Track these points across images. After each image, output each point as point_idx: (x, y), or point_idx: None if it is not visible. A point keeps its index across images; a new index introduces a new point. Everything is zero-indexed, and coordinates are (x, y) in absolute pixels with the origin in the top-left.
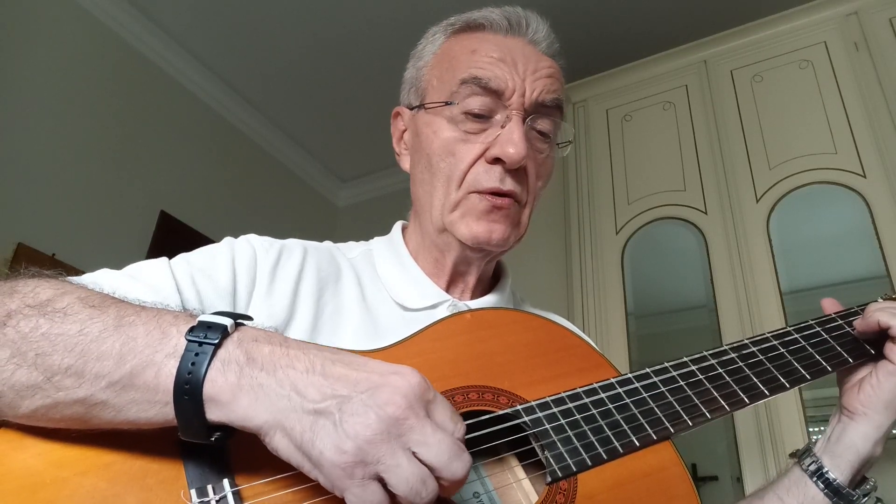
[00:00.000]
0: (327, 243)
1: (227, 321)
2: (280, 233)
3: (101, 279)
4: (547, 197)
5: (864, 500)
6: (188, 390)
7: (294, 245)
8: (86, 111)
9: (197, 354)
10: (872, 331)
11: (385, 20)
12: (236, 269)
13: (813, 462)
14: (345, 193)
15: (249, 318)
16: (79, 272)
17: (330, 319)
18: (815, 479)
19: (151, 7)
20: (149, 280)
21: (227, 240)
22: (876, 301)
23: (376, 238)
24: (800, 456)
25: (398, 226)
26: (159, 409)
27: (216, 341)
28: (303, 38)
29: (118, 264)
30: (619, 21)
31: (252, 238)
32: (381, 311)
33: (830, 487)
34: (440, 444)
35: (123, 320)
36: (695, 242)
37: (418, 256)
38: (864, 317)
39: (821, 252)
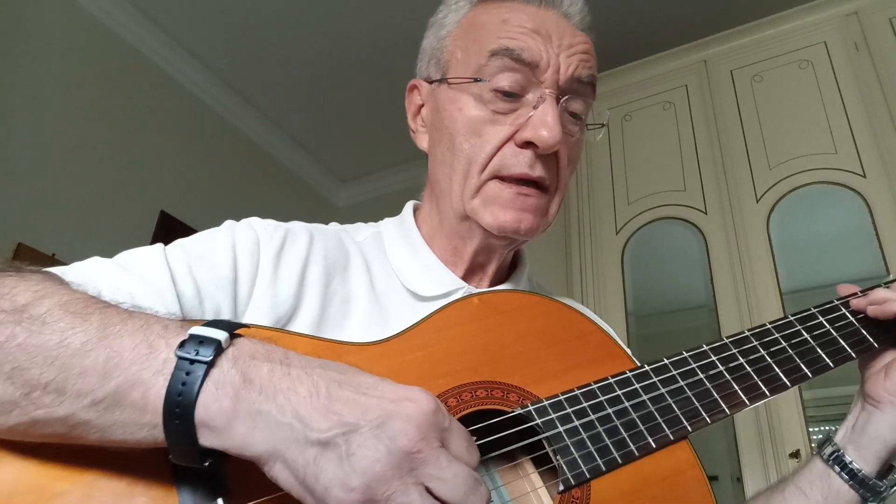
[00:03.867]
0: (334, 225)
1: (222, 335)
2: None
3: (91, 270)
4: None
5: (892, 490)
6: (179, 413)
7: (299, 229)
8: (86, 111)
9: (188, 374)
10: (887, 318)
11: (385, 20)
12: (237, 256)
13: (835, 452)
14: (345, 193)
15: (246, 327)
16: None
17: (338, 309)
18: (839, 470)
19: (151, 7)
20: (141, 270)
21: (228, 223)
22: (880, 287)
23: (386, 219)
24: (820, 445)
25: (409, 207)
26: (148, 431)
27: (209, 358)
28: (303, 38)
29: None
30: (619, 21)
31: (254, 221)
32: (392, 300)
33: (856, 479)
34: (456, 478)
35: (108, 330)
36: (695, 242)
37: (433, 242)
38: (880, 304)
39: (821, 252)
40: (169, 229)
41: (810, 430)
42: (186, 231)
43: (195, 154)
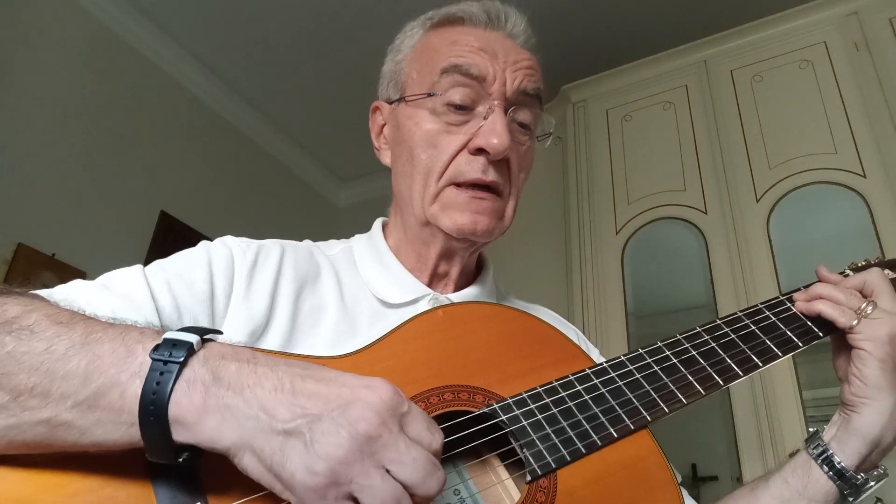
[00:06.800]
0: (307, 242)
1: (193, 338)
2: (281, 233)
3: (74, 292)
4: (547, 197)
5: (869, 484)
6: (153, 411)
7: (272, 245)
8: (86, 111)
9: (161, 374)
10: (812, 316)
11: (386, 20)
12: (213, 273)
13: (819, 446)
14: (345, 193)
15: (219, 333)
16: (79, 272)
17: (307, 318)
18: (820, 462)
19: (151, 7)
20: (122, 289)
21: (203, 243)
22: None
23: (357, 235)
24: (807, 440)
25: (378, 223)
26: (125, 430)
27: (181, 359)
28: (303, 38)
29: (118, 264)
30: (619, 21)
31: (228, 240)
32: (361, 309)
33: (834, 470)
34: (414, 462)
35: (90, 337)
36: (695, 242)
37: (399, 252)
38: (807, 301)
39: (821, 252)
40: (169, 229)
41: (810, 430)
42: (186, 231)
43: (195, 154)
